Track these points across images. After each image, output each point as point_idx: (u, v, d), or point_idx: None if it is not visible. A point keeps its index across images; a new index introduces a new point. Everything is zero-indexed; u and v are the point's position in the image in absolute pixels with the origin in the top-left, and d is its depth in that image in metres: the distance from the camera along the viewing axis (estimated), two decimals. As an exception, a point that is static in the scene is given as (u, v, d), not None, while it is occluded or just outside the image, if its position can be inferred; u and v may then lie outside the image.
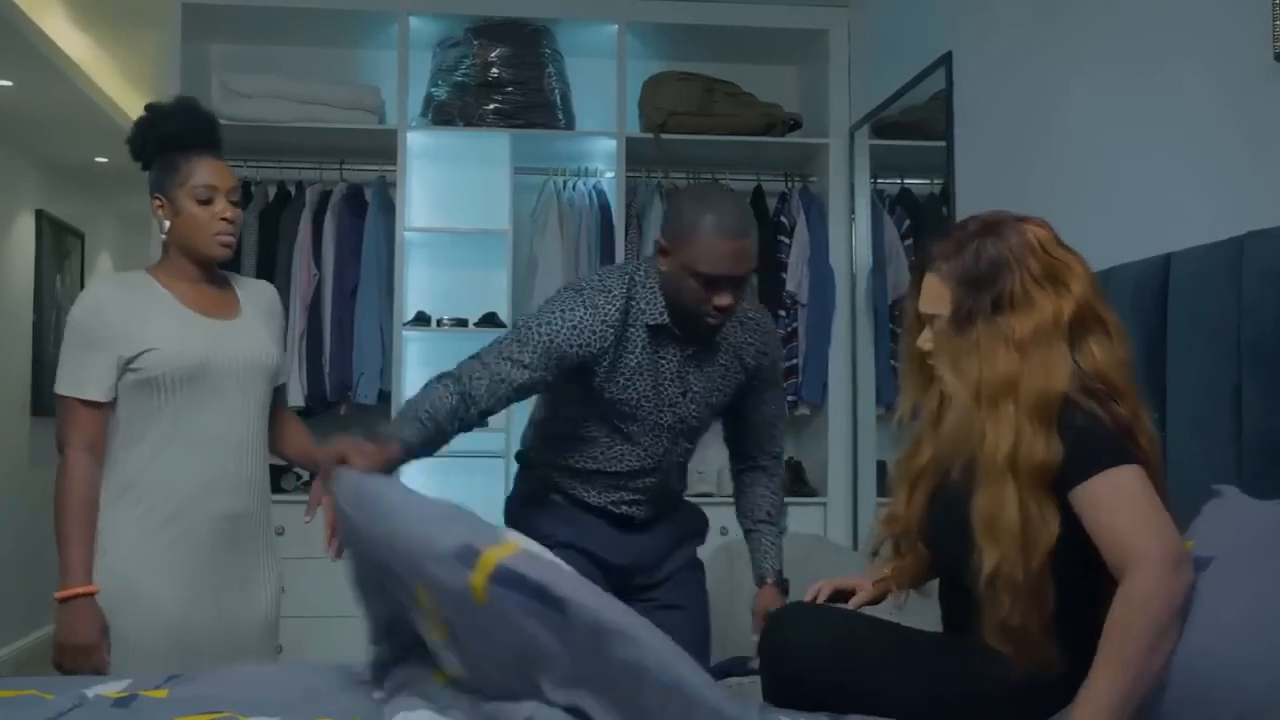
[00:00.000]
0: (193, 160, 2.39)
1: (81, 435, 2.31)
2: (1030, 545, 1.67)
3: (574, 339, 2.32)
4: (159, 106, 2.50)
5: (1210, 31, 2.35)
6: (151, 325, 2.32)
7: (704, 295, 2.29)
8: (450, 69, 4.49)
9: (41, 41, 4.75)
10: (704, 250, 2.25)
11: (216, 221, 2.39)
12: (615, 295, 2.37)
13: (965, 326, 1.78)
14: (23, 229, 6.34)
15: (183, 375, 2.32)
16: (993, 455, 1.70)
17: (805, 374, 4.49)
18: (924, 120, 3.88)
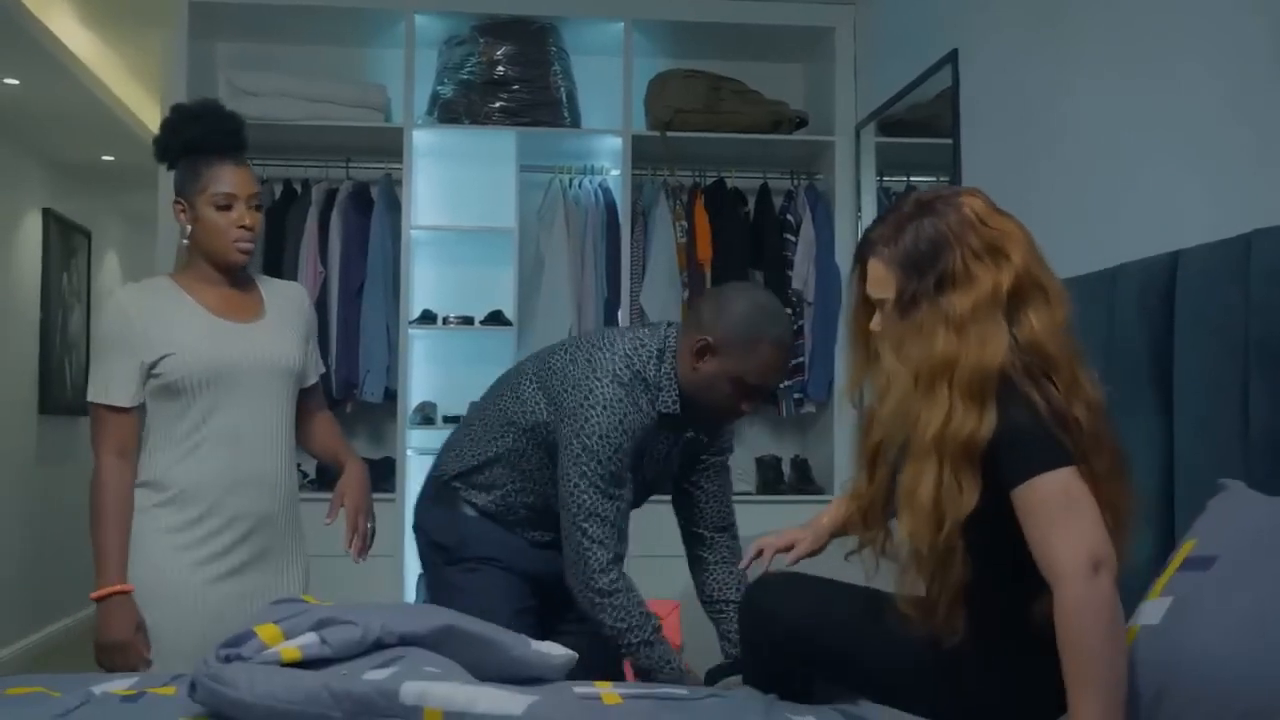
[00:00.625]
0: (214, 166, 2.40)
1: (112, 440, 2.35)
2: (940, 518, 1.68)
3: (632, 441, 2.28)
4: (183, 109, 2.53)
5: (1217, 28, 2.34)
6: (173, 330, 2.36)
7: (736, 401, 2.27)
8: (456, 67, 4.49)
9: (48, 40, 4.76)
10: (762, 364, 2.23)
11: (234, 229, 2.40)
12: (649, 386, 2.31)
13: (909, 310, 1.76)
14: (29, 227, 6.35)
15: (204, 378, 2.35)
16: (922, 434, 1.70)
17: (811, 372, 4.50)
18: (930, 118, 3.87)
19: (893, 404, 1.76)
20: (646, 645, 2.25)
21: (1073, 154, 2.90)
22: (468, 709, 1.61)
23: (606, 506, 2.25)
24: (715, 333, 2.24)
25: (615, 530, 2.26)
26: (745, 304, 2.28)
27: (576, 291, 4.46)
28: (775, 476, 4.63)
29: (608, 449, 2.24)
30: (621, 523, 2.29)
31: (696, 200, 4.59)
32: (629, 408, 2.26)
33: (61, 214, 6.71)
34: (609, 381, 2.27)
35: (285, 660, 1.72)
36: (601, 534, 2.24)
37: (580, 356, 2.34)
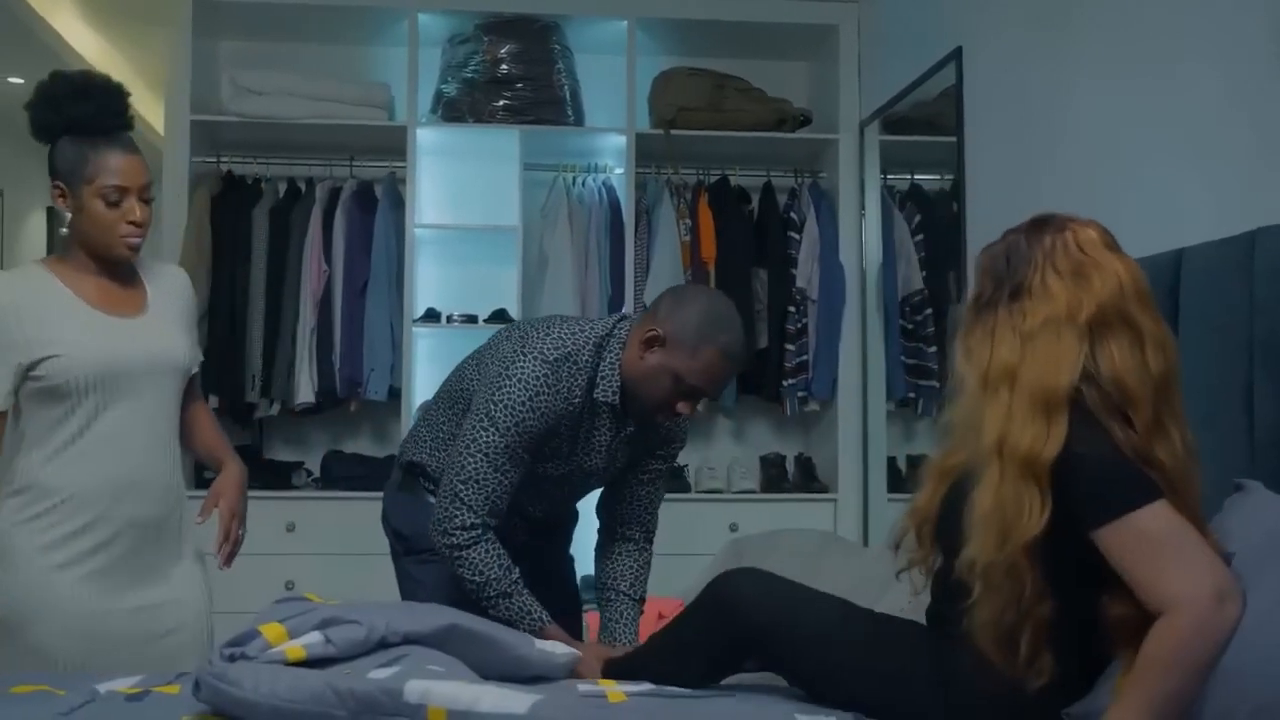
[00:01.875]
0: (102, 154, 2.19)
1: None
2: (1002, 533, 1.64)
3: (541, 422, 2.28)
4: (65, 79, 2.26)
5: (1219, 27, 2.34)
6: (54, 329, 2.18)
7: (673, 398, 2.27)
8: (460, 65, 4.49)
9: (53, 39, 4.77)
10: (705, 367, 2.23)
11: (123, 224, 2.21)
12: (580, 370, 2.30)
13: (984, 314, 1.77)
14: (34, 226, 6.36)
15: (90, 380, 2.19)
16: (984, 440, 1.69)
17: (815, 370, 4.49)
18: (934, 115, 3.87)
19: (961, 409, 1.77)
20: (504, 597, 2.24)
21: (1076, 152, 2.90)
22: (471, 708, 1.61)
23: (489, 476, 2.25)
24: (667, 326, 2.25)
25: (489, 502, 2.25)
26: (702, 306, 2.29)
27: (580, 290, 4.46)
28: (779, 475, 4.62)
29: (509, 420, 2.24)
30: (498, 498, 2.26)
31: (700, 198, 4.58)
32: (544, 387, 2.26)
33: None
34: (532, 359, 2.27)
35: (290, 659, 1.72)
36: (473, 499, 2.24)
37: (516, 334, 2.38)
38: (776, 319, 4.53)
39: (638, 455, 2.49)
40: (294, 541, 4.20)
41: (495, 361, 2.35)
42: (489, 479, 2.25)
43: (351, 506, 4.33)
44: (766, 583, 2.01)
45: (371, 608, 1.89)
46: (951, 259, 3.71)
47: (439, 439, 2.50)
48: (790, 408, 4.53)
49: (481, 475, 2.25)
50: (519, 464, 2.28)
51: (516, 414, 2.24)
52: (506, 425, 2.24)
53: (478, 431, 2.25)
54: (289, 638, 1.76)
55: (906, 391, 4.25)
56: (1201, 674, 1.55)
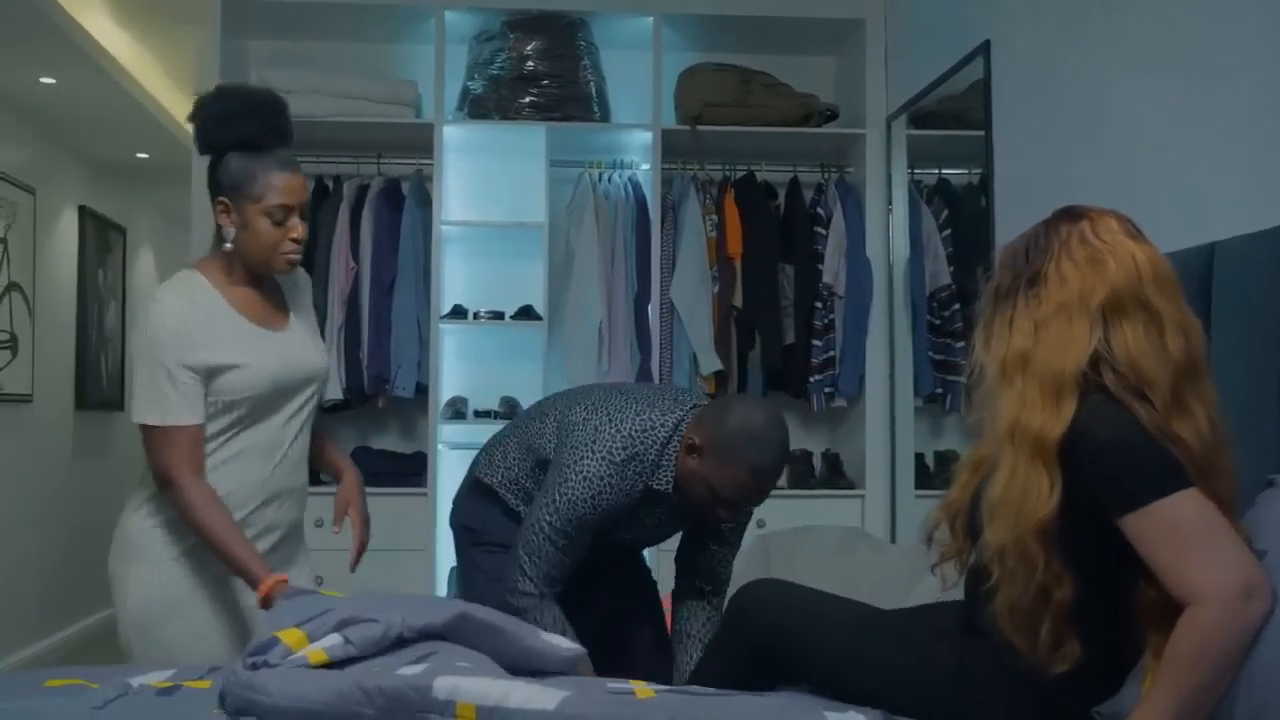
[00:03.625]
0: (271, 173, 2.22)
1: (189, 459, 2.19)
2: (1016, 516, 1.65)
3: (604, 516, 2.38)
4: (236, 99, 2.30)
5: (1253, 18, 2.31)
6: (226, 345, 2.23)
7: (710, 506, 2.33)
8: (486, 63, 4.50)
9: (83, 39, 4.80)
10: (735, 483, 2.27)
11: (287, 241, 2.26)
12: (645, 469, 2.37)
13: (1002, 304, 1.78)
14: (66, 224, 6.41)
15: (258, 395, 2.26)
16: (999, 426, 1.71)
17: (842, 366, 4.48)
18: (962, 110, 3.85)
19: (980, 397, 1.78)
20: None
21: (1106, 145, 2.88)
22: (501, 703, 1.61)
23: (550, 553, 2.36)
24: (703, 436, 2.31)
25: (547, 575, 2.37)
26: (739, 419, 2.30)
27: (606, 286, 4.46)
28: (806, 471, 4.61)
29: (572, 513, 2.35)
30: (557, 571, 2.37)
31: (726, 194, 4.58)
32: (608, 487, 2.35)
33: (97, 211, 6.78)
34: (600, 458, 2.35)
35: (313, 663, 1.72)
36: (534, 571, 2.37)
37: (593, 422, 2.40)
38: (803, 315, 4.53)
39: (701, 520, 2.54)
40: (322, 537, 4.20)
41: (568, 447, 2.40)
42: (550, 556, 2.37)
43: (379, 502, 4.29)
44: (780, 589, 2.03)
45: (381, 600, 1.89)
46: (979, 254, 3.70)
47: (509, 472, 2.60)
48: (817, 404, 4.52)
49: (543, 552, 2.36)
50: (579, 545, 2.39)
51: (579, 508, 2.35)
52: (568, 516, 2.35)
53: (543, 514, 2.37)
54: (309, 642, 1.76)
55: (934, 387, 4.24)
56: (1229, 669, 1.54)
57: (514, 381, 4.56)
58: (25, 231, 5.73)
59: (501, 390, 4.59)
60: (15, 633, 5.52)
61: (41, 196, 5.93)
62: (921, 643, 1.88)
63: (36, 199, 5.86)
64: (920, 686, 1.82)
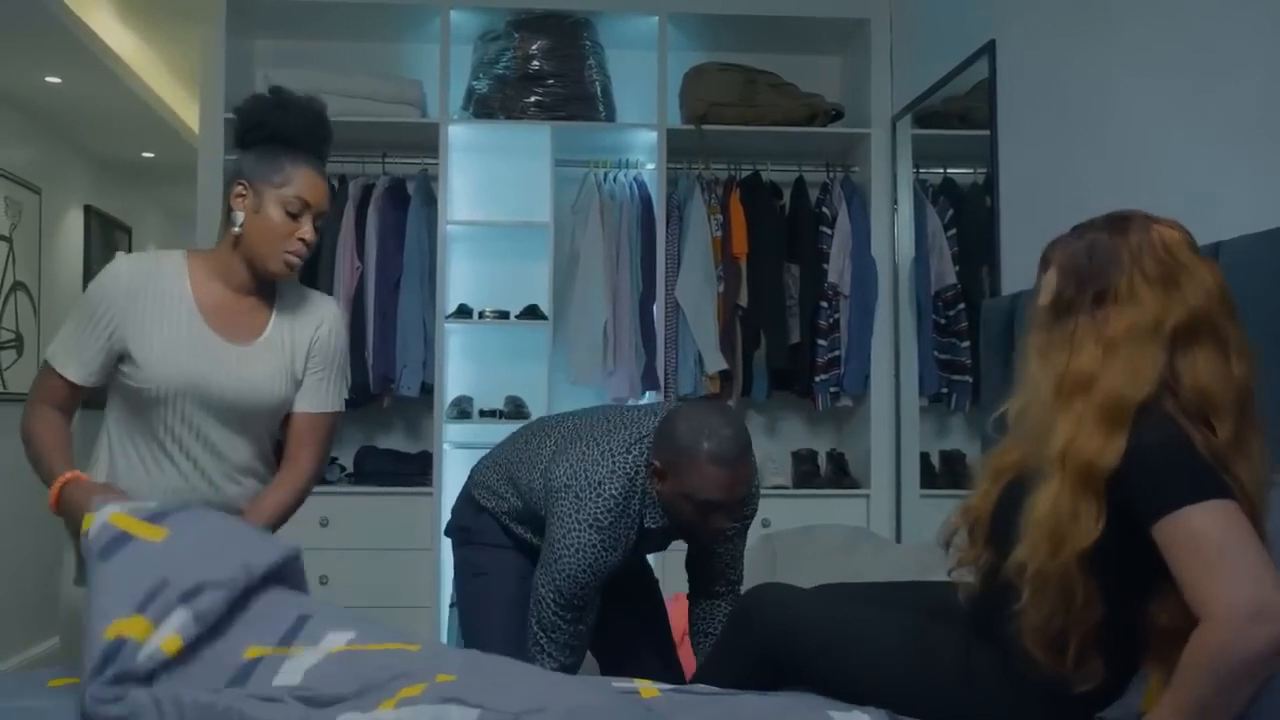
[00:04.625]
0: (300, 166, 2.20)
1: (52, 400, 2.20)
2: (1057, 542, 1.60)
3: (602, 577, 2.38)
4: (289, 97, 2.29)
5: (1259, 16, 2.31)
6: (154, 331, 2.17)
7: (702, 520, 2.30)
8: (491, 62, 4.50)
9: (89, 38, 4.81)
10: (699, 479, 2.24)
11: (294, 239, 2.20)
12: (632, 523, 2.38)
13: (1063, 317, 1.71)
14: (71, 224, 6.42)
15: (167, 393, 2.17)
16: (1050, 449, 1.63)
17: (847, 366, 4.48)
18: (967, 109, 3.85)
19: (1034, 413, 1.70)
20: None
21: (1111, 145, 2.88)
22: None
23: (562, 628, 2.38)
24: (662, 457, 2.30)
25: (566, 647, 2.39)
26: (685, 423, 2.29)
27: (611, 285, 4.46)
28: (811, 470, 4.61)
29: (574, 585, 2.35)
30: (574, 640, 2.40)
31: (732, 193, 4.58)
32: (603, 550, 2.35)
33: (103, 210, 6.78)
34: (589, 528, 2.34)
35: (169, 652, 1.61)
36: (552, 647, 2.38)
37: (573, 489, 2.37)
38: (808, 314, 4.53)
39: None
40: (327, 536, 4.24)
41: (557, 513, 2.39)
42: (563, 629, 2.39)
43: (384, 502, 4.36)
44: (783, 593, 2.02)
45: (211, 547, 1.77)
46: (984, 253, 3.69)
47: (502, 503, 2.61)
48: (822, 403, 4.52)
49: (557, 627, 2.39)
50: (590, 608, 2.41)
51: (579, 580, 2.36)
52: (571, 590, 2.36)
53: (547, 593, 2.38)
54: (155, 627, 1.63)
55: (939, 387, 4.23)
56: (1236, 688, 1.49)
57: (519, 381, 4.57)
58: (31, 231, 5.74)
59: (506, 390, 4.59)
60: (18, 632, 5.53)
61: (47, 196, 5.93)
62: (926, 642, 1.86)
63: (42, 198, 5.87)
64: (925, 687, 1.81)
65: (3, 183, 5.40)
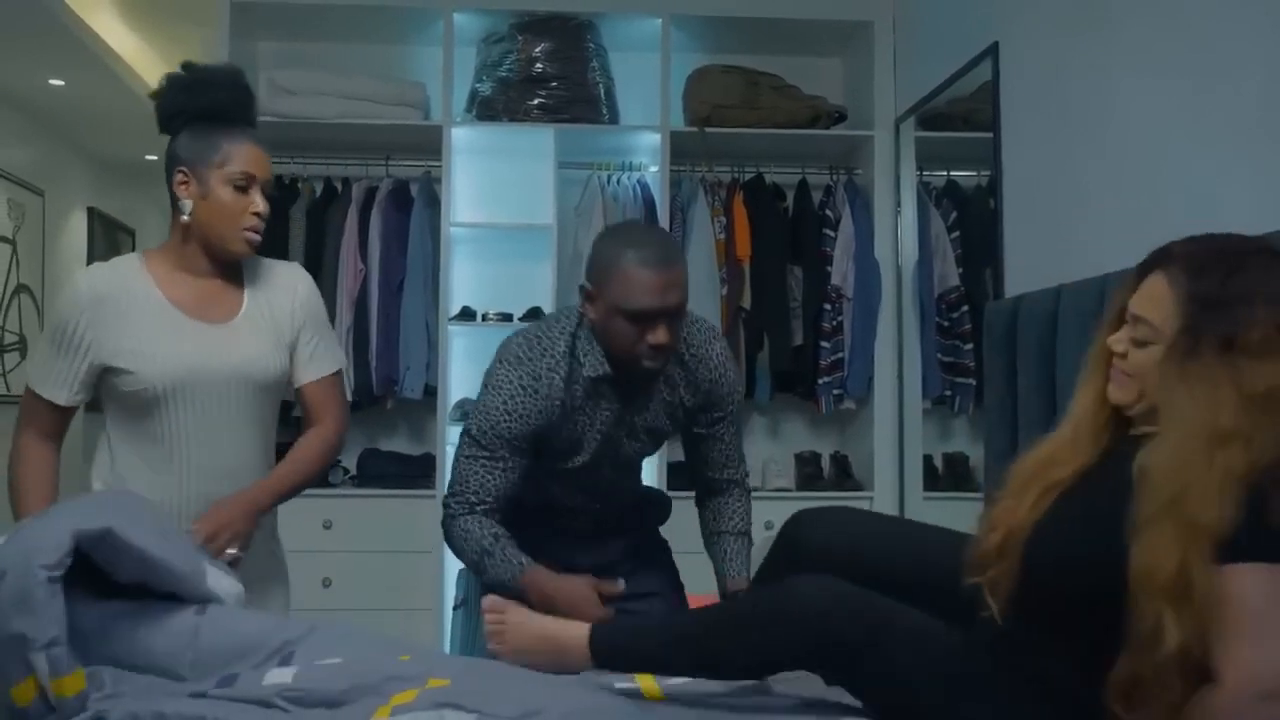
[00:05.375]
0: (236, 140, 2.14)
1: (40, 426, 2.17)
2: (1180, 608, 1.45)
3: (523, 424, 2.26)
4: (201, 71, 2.21)
5: (1262, 19, 2.31)
6: (133, 333, 2.12)
7: (637, 335, 2.19)
8: (494, 64, 4.51)
9: (92, 40, 4.82)
10: (627, 286, 2.16)
11: (248, 215, 2.15)
12: (558, 363, 2.28)
13: (1190, 354, 1.54)
14: (75, 226, 6.44)
15: (165, 389, 2.12)
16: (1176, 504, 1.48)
17: (851, 368, 4.48)
18: (970, 112, 3.85)
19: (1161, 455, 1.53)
20: (486, 554, 2.26)
21: (1114, 147, 2.87)
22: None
23: (468, 467, 2.29)
24: (590, 276, 2.24)
25: (473, 489, 2.29)
26: (606, 238, 2.27)
27: (615, 288, 4.46)
28: (815, 472, 4.61)
29: (487, 423, 2.27)
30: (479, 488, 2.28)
31: (735, 196, 4.58)
32: (518, 389, 2.26)
33: (105, 212, 6.80)
34: (506, 365, 2.29)
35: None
36: (458, 485, 2.31)
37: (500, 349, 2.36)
38: (811, 316, 4.53)
39: (681, 419, 2.44)
40: (331, 539, 4.24)
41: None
42: (468, 470, 2.30)
43: (388, 504, 4.36)
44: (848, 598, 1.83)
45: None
46: (988, 255, 3.69)
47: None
48: (825, 405, 4.51)
49: (461, 466, 2.31)
50: (502, 461, 2.29)
51: (493, 418, 2.26)
52: (483, 427, 2.27)
53: (462, 442, 2.32)
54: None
55: (942, 389, 4.24)
56: None
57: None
58: (34, 233, 5.75)
59: (509, 392, 4.58)
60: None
61: (50, 198, 5.95)
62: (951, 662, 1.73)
63: (45, 200, 5.88)
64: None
65: (6, 185, 5.41)
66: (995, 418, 2.98)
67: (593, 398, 2.32)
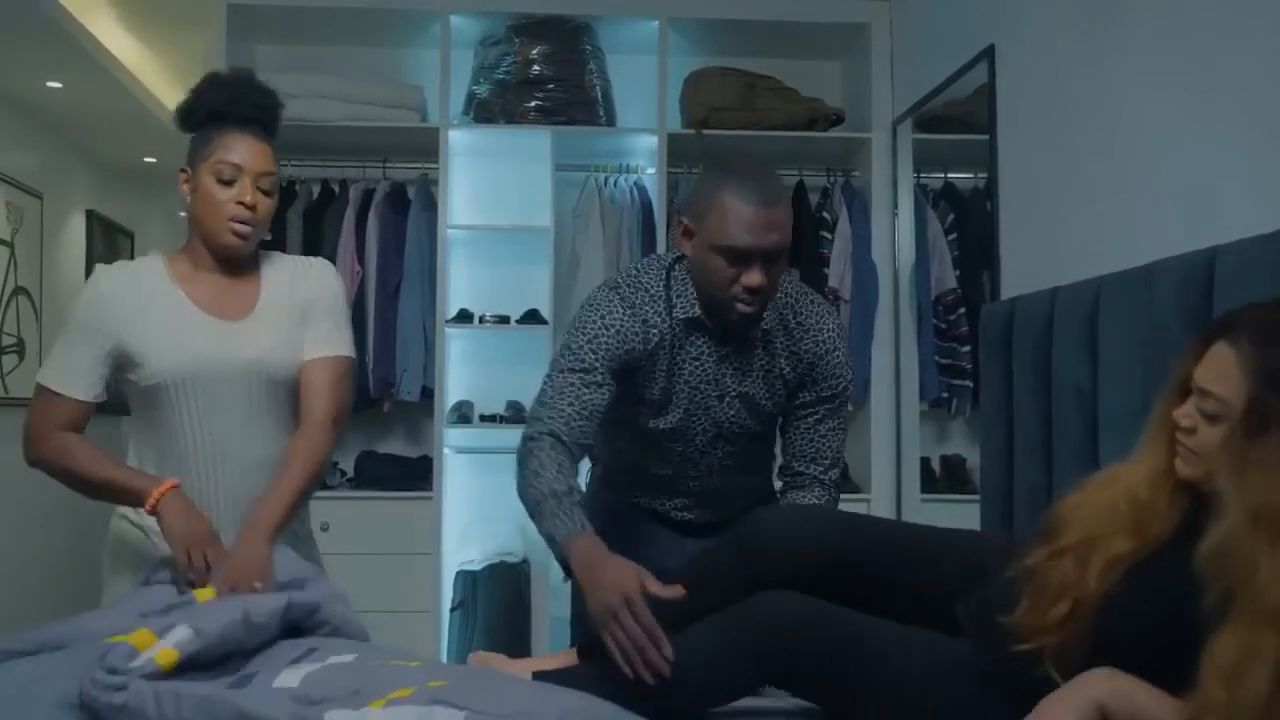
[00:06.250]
0: (226, 134, 2.17)
1: (58, 422, 2.15)
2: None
3: (622, 343, 2.19)
4: (215, 76, 2.29)
5: (1260, 21, 2.30)
6: (149, 327, 2.15)
7: (732, 275, 2.10)
8: (492, 67, 4.52)
9: (90, 43, 4.83)
10: (726, 221, 2.07)
11: (232, 205, 2.15)
12: (654, 293, 2.23)
13: (1260, 433, 1.48)
14: (74, 229, 6.44)
15: (180, 384, 2.15)
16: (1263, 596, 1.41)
17: (848, 370, 4.48)
18: (967, 114, 3.85)
19: (1220, 539, 1.47)
20: (553, 497, 2.06)
21: (1110, 150, 2.87)
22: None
23: (557, 379, 2.19)
24: (688, 210, 2.17)
25: (558, 417, 2.15)
26: (713, 170, 2.18)
27: (612, 290, 4.46)
28: (812, 475, 4.61)
29: (581, 340, 2.19)
30: (570, 417, 2.15)
31: (732, 198, 4.58)
32: (616, 309, 2.20)
33: (105, 215, 6.81)
34: (603, 289, 2.25)
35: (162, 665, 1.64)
36: (541, 413, 2.18)
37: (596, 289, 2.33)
38: (809, 319, 4.52)
39: (780, 393, 2.32)
40: (328, 541, 4.20)
41: None
42: (562, 397, 2.17)
43: (385, 506, 4.37)
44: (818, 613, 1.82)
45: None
46: (985, 258, 3.70)
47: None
48: (823, 408, 4.51)
49: (555, 393, 2.18)
50: (591, 371, 2.18)
51: (590, 332, 2.19)
52: (581, 345, 2.19)
53: (553, 367, 2.23)
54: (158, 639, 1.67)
55: (940, 391, 4.24)
56: None
57: (520, 385, 4.56)
58: (33, 236, 5.76)
59: (507, 394, 4.60)
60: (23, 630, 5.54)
61: (49, 201, 5.95)
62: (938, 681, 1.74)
63: (44, 203, 5.89)
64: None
65: (4, 187, 5.42)
66: (991, 419, 2.99)
67: (684, 344, 2.24)
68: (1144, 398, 2.27)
